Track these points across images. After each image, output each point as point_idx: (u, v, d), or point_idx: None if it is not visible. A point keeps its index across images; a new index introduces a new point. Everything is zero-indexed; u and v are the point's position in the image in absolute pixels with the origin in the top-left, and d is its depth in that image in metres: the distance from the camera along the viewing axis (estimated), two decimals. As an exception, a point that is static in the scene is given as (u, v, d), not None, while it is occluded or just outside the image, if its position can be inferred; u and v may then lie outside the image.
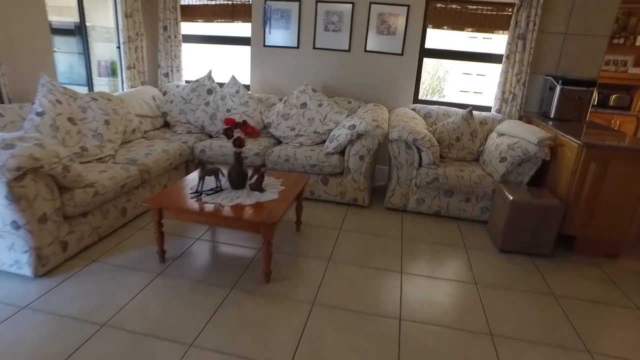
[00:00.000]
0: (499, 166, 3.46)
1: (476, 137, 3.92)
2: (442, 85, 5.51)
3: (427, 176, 3.57)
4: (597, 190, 3.07)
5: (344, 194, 3.81)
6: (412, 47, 4.41)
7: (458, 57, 4.57)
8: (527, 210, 3.06)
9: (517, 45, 4.08)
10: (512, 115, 4.25)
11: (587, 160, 3.01)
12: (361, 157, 3.65)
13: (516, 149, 3.38)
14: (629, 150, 2.95)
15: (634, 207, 3.08)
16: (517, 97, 4.20)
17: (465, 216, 3.69)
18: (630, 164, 2.98)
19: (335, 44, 4.55)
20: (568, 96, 3.89)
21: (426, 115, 4.22)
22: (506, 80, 4.21)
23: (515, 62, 4.13)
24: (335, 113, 4.14)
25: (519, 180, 3.50)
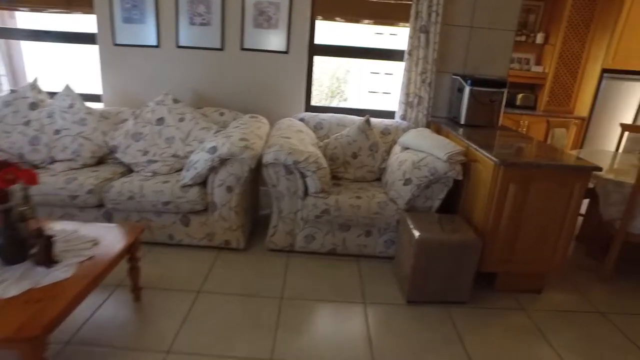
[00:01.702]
0: (402, 190, 2.74)
1: (377, 151, 3.20)
2: (342, 88, 4.79)
3: (314, 208, 2.77)
4: (518, 216, 2.45)
5: (212, 236, 2.89)
6: (300, 43, 3.61)
7: (356, 55, 3.85)
8: (437, 250, 2.36)
9: (420, 40, 3.43)
10: (418, 121, 3.61)
11: (505, 182, 2.38)
12: (229, 188, 2.76)
13: (422, 168, 2.68)
14: (552, 168, 2.36)
15: (557, 233, 2.51)
16: (424, 100, 3.56)
17: (367, 253, 2.95)
18: (552, 184, 2.40)
19: (205, 41, 3.62)
20: (478, 98, 3.31)
21: (317, 126, 3.43)
22: (410, 80, 3.55)
23: (418, 60, 3.48)
24: (201, 129, 3.20)
25: (428, 205, 2.81)
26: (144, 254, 2.81)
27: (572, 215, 2.46)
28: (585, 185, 2.42)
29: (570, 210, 2.46)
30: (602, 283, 2.96)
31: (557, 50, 5.16)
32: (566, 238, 2.52)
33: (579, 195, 2.43)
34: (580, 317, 2.53)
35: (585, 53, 5.19)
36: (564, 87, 5.33)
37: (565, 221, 2.48)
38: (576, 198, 2.43)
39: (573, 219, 2.47)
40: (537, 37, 5.28)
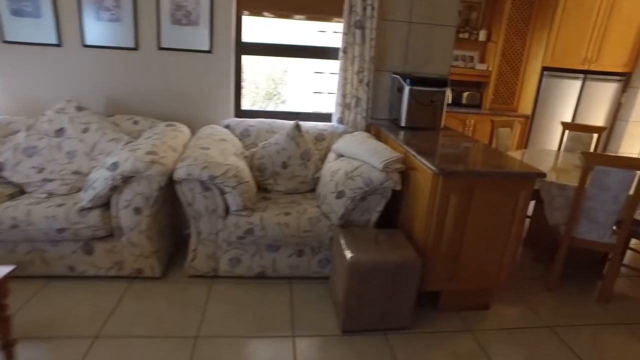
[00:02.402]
0: (335, 204, 2.45)
1: (309, 159, 2.90)
2: (279, 90, 4.48)
3: (237, 228, 2.43)
4: (461, 229, 2.22)
5: (121, 265, 2.49)
6: (224, 42, 3.24)
7: (288, 54, 3.53)
8: (372, 273, 2.08)
9: (355, 36, 3.16)
10: (357, 124, 3.34)
11: (445, 192, 2.14)
12: (137, 209, 2.37)
13: (356, 179, 2.40)
14: (495, 176, 2.14)
15: (503, 246, 2.31)
16: (362, 101, 3.30)
17: (300, 274, 2.64)
18: (496, 193, 2.18)
19: (116, 39, 3.18)
20: (419, 99, 3.08)
21: (243, 134, 3.08)
22: (346, 80, 3.27)
23: (354, 58, 3.21)
24: (109, 141, 2.78)
25: (365, 219, 2.54)
26: (35, 291, 2.37)
27: (517, 225, 2.26)
28: (530, 193, 2.23)
29: (515, 221, 2.26)
30: (549, 292, 2.81)
31: (499, 48, 5.07)
32: (513, 251, 2.32)
33: (524, 203, 2.23)
34: (528, 335, 2.34)
35: (526, 51, 5.14)
36: (507, 85, 5.26)
37: (511, 232, 2.28)
38: (521, 207, 2.23)
39: (519, 229, 2.28)
40: (479, 34, 5.17)
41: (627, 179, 2.45)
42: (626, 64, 5.08)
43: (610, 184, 2.49)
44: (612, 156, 2.44)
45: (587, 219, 2.62)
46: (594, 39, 4.90)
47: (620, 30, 4.92)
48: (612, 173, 2.46)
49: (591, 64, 5.00)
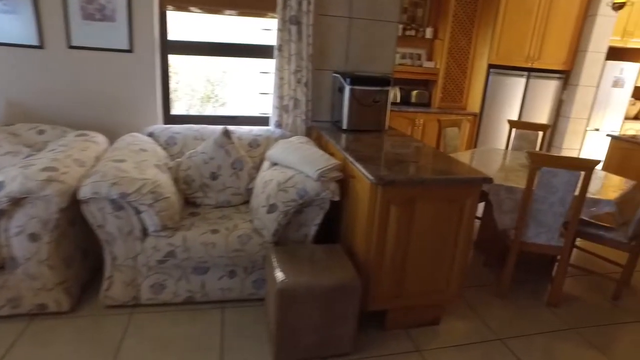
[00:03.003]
0: (267, 219, 2.20)
1: (241, 169, 2.63)
2: (216, 92, 4.15)
3: (156, 251, 2.13)
4: (404, 243, 2.03)
5: (18, 302, 2.12)
6: (147, 40, 2.91)
7: (221, 52, 3.23)
8: (307, 298, 1.85)
9: (291, 33, 2.92)
10: (297, 128, 3.10)
11: (385, 203, 1.93)
12: (33, 236, 2.01)
13: (289, 190, 2.16)
14: (438, 183, 1.96)
15: (451, 258, 2.13)
16: (301, 103, 3.06)
17: (233, 297, 2.37)
18: (440, 202, 2.00)
19: (12, 36, 2.77)
20: (361, 99, 2.88)
21: (169, 142, 2.76)
22: (283, 80, 3.02)
23: (291, 56, 2.97)
24: (4, 155, 2.39)
25: (302, 234, 2.30)
26: None
27: (465, 235, 2.09)
28: (476, 200, 2.06)
29: (463, 230, 2.09)
30: (500, 300, 2.68)
31: (446, 46, 4.99)
32: (462, 262, 2.15)
33: (471, 211, 2.06)
34: (479, 350, 2.19)
35: (472, 48, 5.08)
36: (455, 83, 5.19)
37: (459, 243, 2.11)
38: (468, 215, 2.06)
39: (467, 239, 2.11)
40: (426, 31, 5.07)
41: (572, 180, 2.35)
42: (565, 62, 5.14)
43: (557, 185, 2.38)
44: (558, 157, 2.33)
45: (535, 222, 2.51)
46: (535, 37, 4.91)
47: (559, 29, 4.96)
48: (558, 174, 2.35)
49: (534, 62, 5.01)
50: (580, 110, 5.27)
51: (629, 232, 2.69)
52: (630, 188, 2.80)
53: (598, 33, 4.99)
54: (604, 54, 5.12)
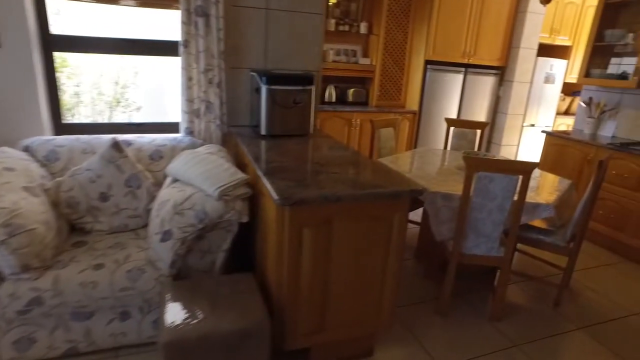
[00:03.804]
0: (162, 249, 1.81)
1: (139, 186, 2.21)
2: (126, 96, 3.67)
3: (14, 300, 1.68)
4: (324, 270, 1.71)
5: None
6: (19, 33, 2.41)
7: (116, 49, 2.78)
8: (201, 351, 1.48)
9: (198, 26, 2.53)
10: (211, 135, 2.72)
11: (296, 226, 1.60)
12: None
13: (186, 213, 1.78)
14: (359, 199, 1.65)
15: (380, 283, 1.85)
16: (214, 106, 2.68)
17: (128, 342, 1.96)
18: (363, 221, 1.70)
19: None
20: (279, 100, 2.54)
21: (49, 157, 2.29)
22: (191, 81, 2.62)
23: (199, 53, 2.58)
24: None
25: (208, 263, 1.93)
26: None
27: (395, 255, 1.81)
28: (405, 216, 1.78)
29: (392, 250, 1.80)
30: (440, 317, 2.44)
31: (381, 41, 4.76)
32: (393, 285, 1.87)
33: (401, 229, 1.78)
34: (417, 386, 1.92)
35: (408, 44, 4.89)
36: (393, 81, 4.98)
37: (388, 265, 1.82)
38: (397, 232, 1.78)
39: (397, 259, 1.83)
40: (360, 26, 4.81)
41: (510, 185, 2.14)
42: (500, 58, 5.08)
43: (495, 191, 2.16)
44: (495, 160, 2.11)
45: (474, 231, 2.28)
46: (471, 32, 4.79)
47: (492, 24, 4.88)
48: (496, 179, 2.13)
49: (470, 58, 4.90)
50: (516, 106, 5.24)
51: (567, 235, 2.55)
52: (566, 188, 2.65)
53: (529, 30, 4.96)
54: (535, 51, 5.10)
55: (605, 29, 3.88)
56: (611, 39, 3.82)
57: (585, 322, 2.52)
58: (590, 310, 2.66)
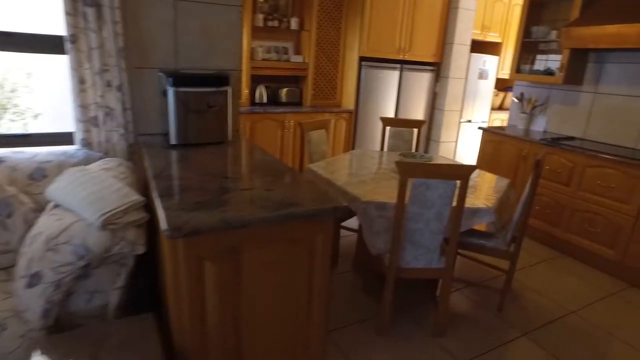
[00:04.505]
0: (29, 296, 1.44)
1: (11, 214, 1.81)
2: (14, 101, 3.15)
3: None
4: (234, 308, 1.43)
5: None
6: None
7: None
8: None
9: (88, 18, 2.14)
10: (114, 147, 2.34)
11: (194, 260, 1.31)
12: None
13: (62, 249, 1.42)
14: (271, 222, 1.38)
15: (305, 314, 1.59)
16: (115, 113, 2.30)
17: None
18: (278, 246, 1.44)
19: None
20: (190, 104, 2.21)
21: None
22: (84, 84, 2.23)
23: (92, 50, 2.19)
24: None
25: (98, 305, 1.58)
26: None
27: (320, 281, 1.56)
28: (329, 236, 1.53)
29: (316, 276, 1.55)
30: (381, 337, 2.23)
31: (313, 38, 4.52)
32: (320, 315, 1.62)
33: (325, 252, 1.53)
34: None
35: (342, 40, 4.70)
36: (327, 79, 4.76)
37: (313, 293, 1.57)
38: (321, 257, 1.53)
39: (323, 285, 1.58)
40: (291, 22, 4.54)
41: (448, 191, 1.96)
42: (435, 54, 5.02)
43: (432, 199, 1.97)
44: (430, 166, 1.92)
45: (412, 243, 2.09)
46: (405, 27, 4.68)
47: (426, 20, 4.80)
48: (432, 186, 1.94)
49: (405, 54, 4.79)
50: (452, 102, 5.21)
51: (508, 238, 2.43)
52: (505, 188, 2.54)
53: (461, 26, 4.93)
54: (469, 47, 5.09)
55: (531, 25, 3.88)
56: (537, 35, 3.83)
57: (528, 327, 2.42)
58: (532, 313, 2.57)
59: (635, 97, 3.36)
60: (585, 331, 2.43)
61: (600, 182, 3.10)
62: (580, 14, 3.41)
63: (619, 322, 2.54)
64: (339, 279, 2.79)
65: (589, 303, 2.73)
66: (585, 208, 3.21)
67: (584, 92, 3.70)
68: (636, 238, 2.94)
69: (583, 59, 3.63)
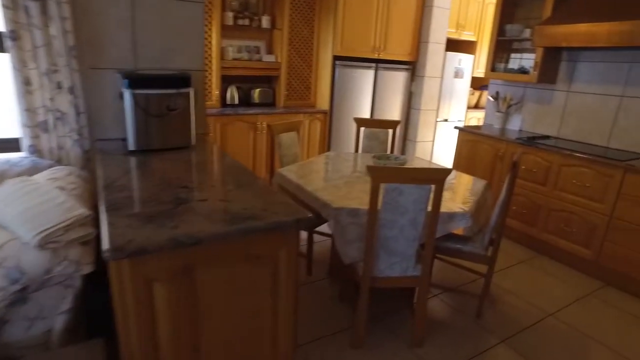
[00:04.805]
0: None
1: (-57, 232, 1.61)
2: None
3: None
4: (190, 331, 1.30)
5: None
6: None
7: None
8: None
9: (30, 13, 1.98)
10: (67, 154, 2.18)
11: (142, 282, 1.17)
12: None
13: (-6, 272, 1.26)
14: (229, 238, 1.25)
15: (271, 337, 1.47)
16: (68, 117, 2.14)
17: None
18: (236, 265, 1.31)
19: None
20: (148, 108, 2.06)
21: None
22: (30, 85, 2.05)
23: (37, 48, 2.02)
24: None
25: (41, 331, 1.43)
26: None
27: (287, 299, 1.44)
28: (295, 250, 1.42)
29: (282, 293, 1.43)
30: (356, 350, 2.12)
31: (286, 36, 4.39)
32: (287, 334, 1.50)
33: (289, 267, 1.42)
34: None
35: (315, 39, 4.58)
36: (301, 78, 4.64)
37: (279, 312, 1.44)
38: (287, 272, 1.42)
39: (290, 304, 1.46)
40: (262, 20, 4.40)
41: (422, 196, 1.87)
42: (410, 53, 4.96)
43: (406, 205, 1.88)
44: (403, 170, 1.82)
45: (386, 251, 1.99)
46: (379, 26, 4.60)
47: (401, 18, 4.73)
48: (406, 191, 1.84)
49: (380, 53, 4.70)
50: (428, 101, 5.16)
51: (485, 241, 2.36)
52: (481, 190, 2.47)
53: (436, 24, 4.88)
54: (444, 45, 5.05)
55: (505, 24, 3.85)
56: (511, 34, 3.79)
57: (507, 333, 2.36)
58: (510, 318, 2.51)
59: (606, 95, 3.35)
60: (562, 334, 2.38)
61: (576, 181, 3.07)
62: (553, 13, 3.38)
63: (596, 323, 2.51)
64: (313, 287, 2.68)
65: (566, 305, 2.69)
66: (561, 207, 3.19)
67: (558, 91, 3.68)
68: (610, 237, 2.92)
69: (556, 57, 3.61)
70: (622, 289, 2.93)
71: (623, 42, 2.80)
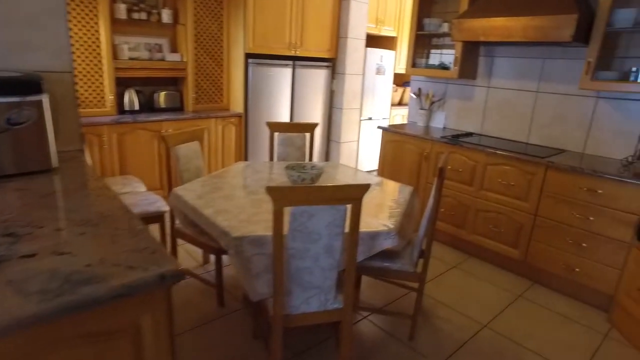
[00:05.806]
0: None
1: None
2: None
3: None
4: None
5: None
6: None
7: None
8: None
9: None
10: None
11: None
12: None
13: None
14: (48, 321, 0.84)
15: None
16: None
17: None
18: (69, 353, 0.90)
19: None
20: (-18, 122, 1.54)
21: None
22: None
23: None
24: None
25: None
26: None
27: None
28: (167, 313, 1.03)
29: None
30: (274, 403, 1.78)
31: (191, 32, 3.93)
32: None
33: (161, 337, 1.03)
34: None
35: (225, 35, 4.16)
36: (211, 79, 4.20)
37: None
38: (157, 345, 1.03)
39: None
40: (162, 14, 3.90)
41: (337, 219, 1.56)
42: (329, 49, 4.70)
43: (319, 230, 1.56)
44: (313, 189, 1.50)
45: (299, 285, 1.66)
46: (295, 21, 4.28)
47: (317, 12, 4.45)
48: (317, 214, 1.52)
49: (297, 50, 4.39)
50: (351, 100, 4.94)
51: (414, 256, 2.13)
52: (408, 198, 2.24)
53: (355, 19, 4.67)
54: (364, 41, 4.86)
55: (424, 18, 3.70)
56: (430, 28, 3.65)
57: (442, 354, 2.15)
58: (445, 336, 2.31)
59: (523, 91, 3.31)
60: (497, 347, 2.22)
61: (501, 180, 2.97)
62: (469, 6, 3.27)
63: (528, 329, 2.40)
64: (225, 322, 2.30)
65: (499, 312, 2.56)
66: (488, 208, 3.07)
67: (479, 87, 3.59)
68: (535, 236, 2.84)
69: (475, 52, 3.51)
70: (547, 286, 2.88)
71: (537, 37, 2.72)
